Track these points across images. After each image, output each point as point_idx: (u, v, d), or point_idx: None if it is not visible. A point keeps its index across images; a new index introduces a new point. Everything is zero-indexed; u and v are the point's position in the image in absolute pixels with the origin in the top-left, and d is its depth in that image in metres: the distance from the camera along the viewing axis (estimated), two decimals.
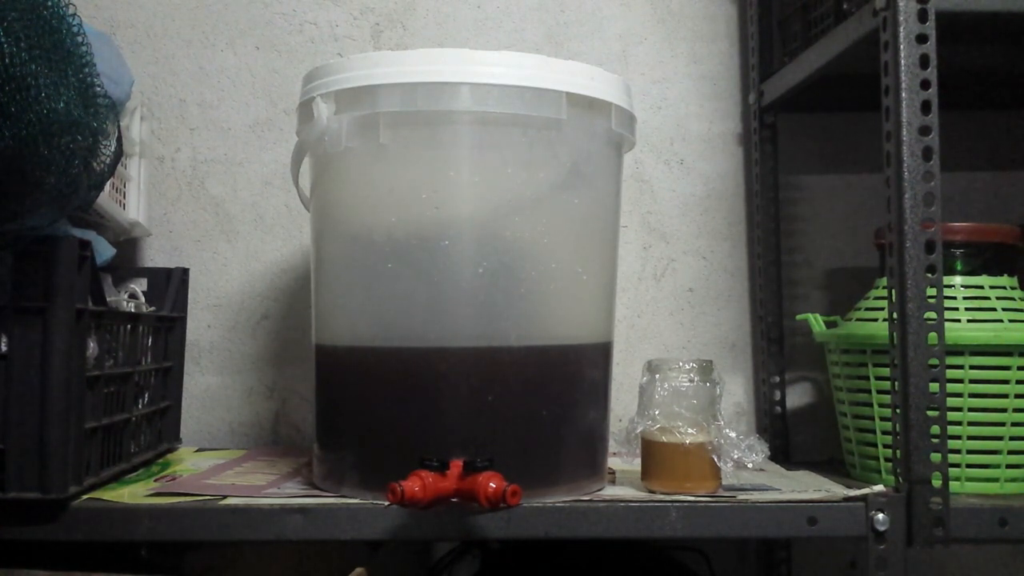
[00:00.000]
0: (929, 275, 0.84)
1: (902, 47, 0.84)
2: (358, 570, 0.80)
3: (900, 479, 0.85)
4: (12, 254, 0.78)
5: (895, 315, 0.86)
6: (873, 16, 0.88)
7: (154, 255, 1.24)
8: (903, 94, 0.84)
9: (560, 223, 0.86)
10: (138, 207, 1.13)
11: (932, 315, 0.84)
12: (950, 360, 0.86)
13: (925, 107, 0.84)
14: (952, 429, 0.87)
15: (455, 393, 0.80)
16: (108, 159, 0.81)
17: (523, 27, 1.27)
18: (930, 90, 0.84)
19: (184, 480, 0.93)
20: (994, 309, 0.96)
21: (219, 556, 0.92)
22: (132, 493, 0.86)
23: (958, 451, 0.92)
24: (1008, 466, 0.93)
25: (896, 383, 0.86)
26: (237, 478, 0.94)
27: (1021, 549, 1.23)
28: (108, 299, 0.89)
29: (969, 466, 0.93)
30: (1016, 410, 0.92)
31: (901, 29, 0.84)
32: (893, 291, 0.86)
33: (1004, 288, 0.98)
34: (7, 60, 0.66)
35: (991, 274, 0.99)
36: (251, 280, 1.24)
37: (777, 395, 1.21)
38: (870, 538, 0.83)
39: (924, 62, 0.84)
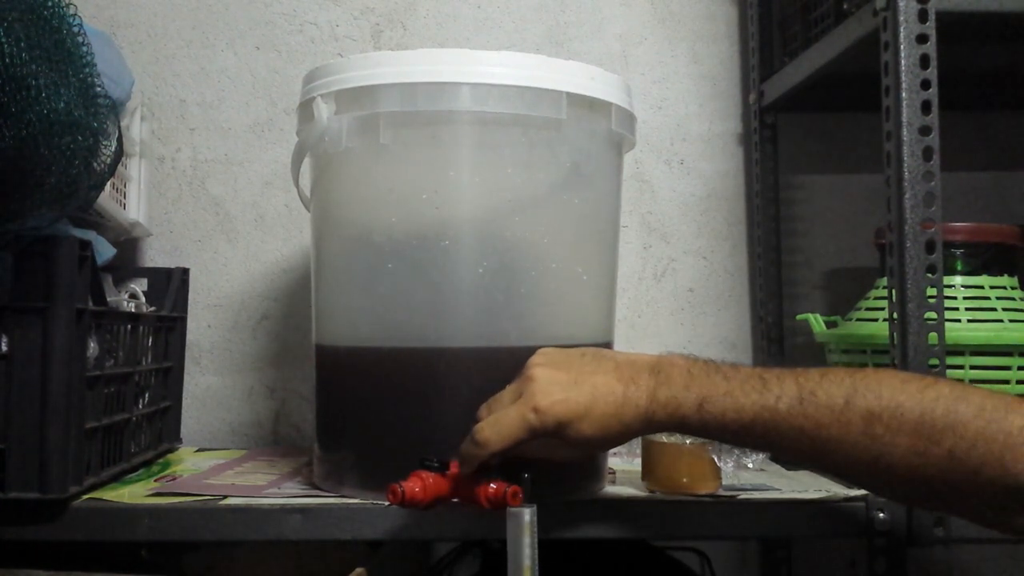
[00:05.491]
0: (929, 275, 0.84)
1: (902, 47, 0.84)
2: (358, 570, 0.80)
3: None
4: (12, 254, 0.78)
5: (895, 315, 0.86)
6: (873, 16, 0.88)
7: (154, 255, 1.24)
8: (903, 94, 0.84)
9: (560, 223, 0.86)
10: (138, 207, 1.13)
11: (932, 315, 0.84)
12: (950, 360, 0.86)
13: (925, 107, 0.84)
14: None
15: (455, 393, 0.80)
16: (108, 159, 0.81)
17: (523, 27, 1.27)
18: (930, 90, 0.84)
19: (184, 480, 0.93)
20: (994, 309, 0.96)
21: (219, 556, 0.92)
22: (132, 493, 0.86)
23: None
24: None
25: None
26: (237, 478, 0.94)
27: (1021, 549, 1.23)
28: (108, 299, 0.89)
29: None
30: None
31: (901, 29, 0.84)
32: (893, 291, 0.86)
33: (1004, 288, 0.98)
34: (7, 60, 0.66)
35: (991, 274, 0.99)
36: (251, 280, 1.24)
37: None
38: (870, 538, 0.83)
39: (924, 62, 0.84)
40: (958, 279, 0.98)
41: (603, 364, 0.73)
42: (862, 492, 0.84)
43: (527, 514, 0.70)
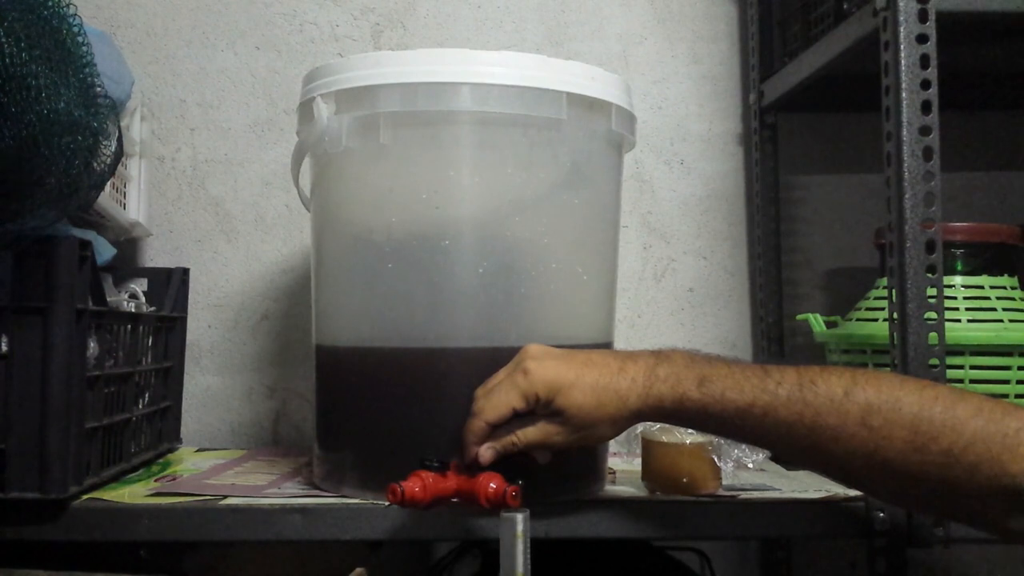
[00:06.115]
0: (929, 275, 0.84)
1: (902, 47, 0.84)
2: (358, 570, 0.80)
3: None
4: (12, 254, 0.78)
5: (895, 315, 0.86)
6: (873, 16, 0.88)
7: (154, 255, 1.24)
8: (903, 94, 0.84)
9: (560, 223, 0.86)
10: (138, 207, 1.13)
11: (932, 315, 0.84)
12: (950, 360, 0.86)
13: (925, 107, 0.84)
14: None
15: (455, 393, 0.80)
16: (108, 159, 0.81)
17: (523, 27, 1.27)
18: (930, 90, 0.84)
19: (184, 480, 0.93)
20: (994, 309, 0.96)
21: (219, 556, 0.92)
22: (132, 493, 0.86)
23: None
24: None
25: None
26: (237, 478, 0.94)
27: (1021, 550, 1.23)
28: (108, 299, 0.89)
29: None
30: None
31: (901, 29, 0.84)
32: (893, 291, 0.86)
33: (1004, 288, 0.98)
34: (7, 60, 0.66)
35: (991, 274, 0.99)
36: (251, 280, 1.24)
37: None
38: (870, 538, 0.83)
39: (924, 62, 0.84)
40: (958, 279, 0.98)
41: (600, 351, 0.75)
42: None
43: (520, 520, 0.70)
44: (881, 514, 0.82)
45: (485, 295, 0.82)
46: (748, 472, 0.92)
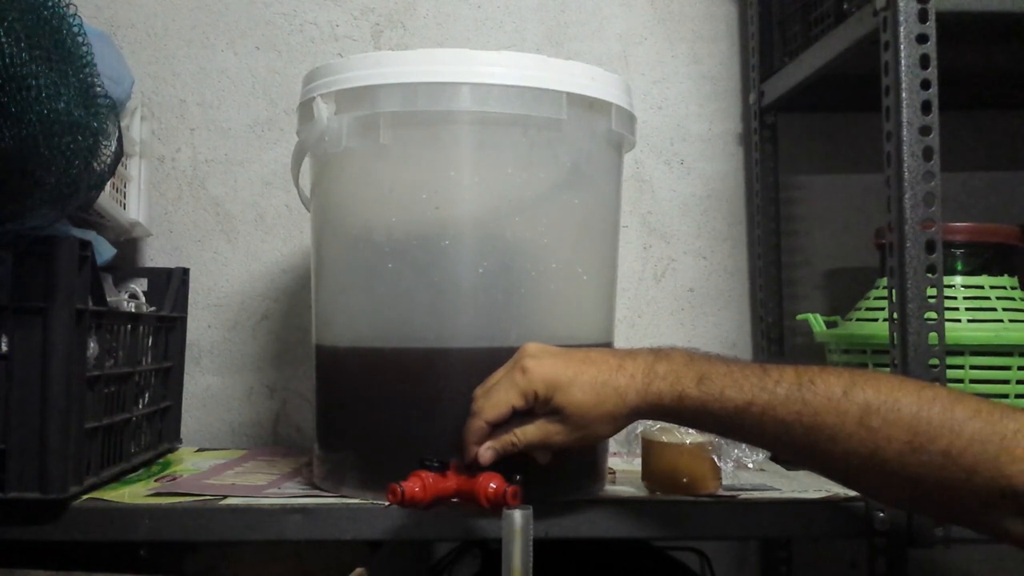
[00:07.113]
0: (929, 275, 0.84)
1: (902, 47, 0.84)
2: (358, 570, 0.80)
3: None
4: (12, 254, 0.78)
5: (895, 315, 0.86)
6: (873, 16, 0.88)
7: (154, 255, 1.24)
8: (903, 94, 0.84)
9: (560, 223, 0.86)
10: (138, 207, 1.13)
11: (932, 315, 0.84)
12: (950, 360, 0.86)
13: (925, 107, 0.84)
14: None
15: (455, 393, 0.80)
16: (108, 159, 0.81)
17: (523, 27, 1.27)
18: (930, 90, 0.84)
19: (184, 480, 0.93)
20: (994, 309, 0.96)
21: (219, 556, 0.92)
22: (132, 493, 0.86)
23: None
24: None
25: None
26: (237, 478, 0.94)
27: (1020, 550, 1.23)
28: (108, 299, 0.89)
29: None
30: None
31: (901, 29, 0.84)
32: (893, 291, 0.86)
33: (1004, 288, 0.98)
34: (7, 60, 0.66)
35: (991, 274, 0.99)
36: (251, 280, 1.24)
37: None
38: (870, 538, 0.83)
39: (924, 62, 0.84)
40: (958, 279, 0.98)
41: (599, 349, 0.75)
42: None
43: (519, 517, 0.69)
44: (881, 514, 0.82)
45: (485, 295, 0.82)
46: (748, 472, 0.92)
